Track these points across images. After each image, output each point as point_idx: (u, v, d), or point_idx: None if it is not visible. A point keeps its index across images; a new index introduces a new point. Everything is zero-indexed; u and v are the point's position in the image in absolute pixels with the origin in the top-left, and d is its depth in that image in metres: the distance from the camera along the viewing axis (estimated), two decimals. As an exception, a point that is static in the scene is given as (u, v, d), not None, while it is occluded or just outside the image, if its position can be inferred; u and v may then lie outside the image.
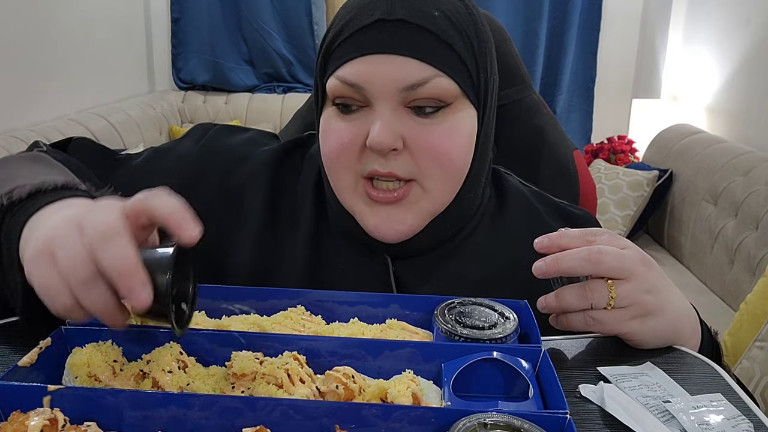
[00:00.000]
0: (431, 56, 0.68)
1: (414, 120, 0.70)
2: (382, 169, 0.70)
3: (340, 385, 0.50)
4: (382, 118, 0.69)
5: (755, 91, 2.82)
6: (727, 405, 0.55)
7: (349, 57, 0.69)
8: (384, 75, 0.68)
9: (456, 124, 0.71)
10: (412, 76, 0.68)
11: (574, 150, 1.29)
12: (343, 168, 0.73)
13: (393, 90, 0.68)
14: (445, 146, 0.71)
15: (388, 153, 0.70)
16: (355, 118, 0.71)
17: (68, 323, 0.57)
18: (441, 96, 0.70)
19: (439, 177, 0.72)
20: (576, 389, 0.57)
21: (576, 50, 3.96)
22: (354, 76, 0.69)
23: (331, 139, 0.73)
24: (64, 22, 3.16)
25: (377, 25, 0.68)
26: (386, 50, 0.68)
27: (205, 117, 4.07)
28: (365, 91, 0.69)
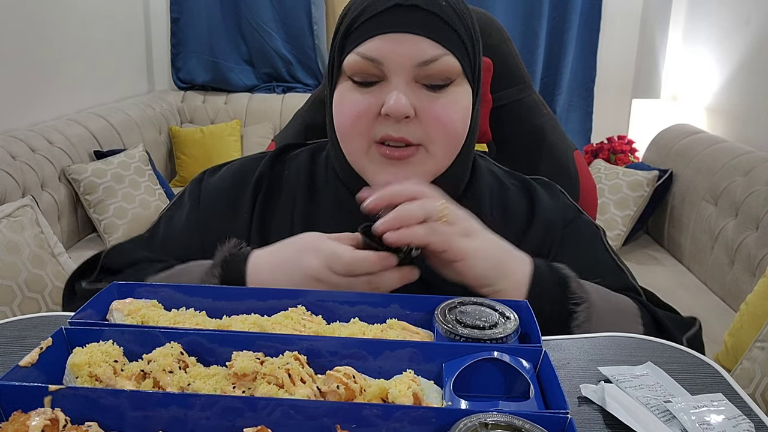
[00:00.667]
0: (441, 37, 0.78)
1: (424, 93, 0.79)
2: (395, 134, 0.79)
3: (340, 385, 0.50)
4: (399, 88, 0.78)
5: (755, 91, 2.82)
6: (728, 405, 0.55)
7: (370, 35, 0.78)
8: (401, 51, 0.77)
9: (458, 98, 0.81)
10: (426, 53, 0.77)
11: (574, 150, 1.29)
12: (358, 134, 0.81)
13: (408, 65, 0.77)
14: (451, 116, 0.80)
15: (402, 120, 0.78)
16: (370, 91, 0.80)
17: (69, 323, 0.57)
18: (448, 73, 0.79)
19: (443, 143, 0.81)
20: (577, 389, 0.57)
21: (576, 50, 3.96)
22: (375, 52, 0.78)
23: (347, 108, 0.81)
24: (64, 22, 3.16)
25: (394, 9, 0.77)
26: (403, 29, 0.77)
27: (204, 117, 4.07)
28: (383, 66, 0.78)
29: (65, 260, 2.22)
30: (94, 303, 0.62)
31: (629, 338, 0.69)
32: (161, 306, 0.64)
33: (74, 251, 2.80)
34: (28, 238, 2.10)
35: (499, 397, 0.55)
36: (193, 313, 0.63)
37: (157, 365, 0.52)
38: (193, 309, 0.63)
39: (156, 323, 0.60)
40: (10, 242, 2.03)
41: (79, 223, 2.96)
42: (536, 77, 3.94)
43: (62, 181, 2.83)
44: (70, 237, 2.88)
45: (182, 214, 0.94)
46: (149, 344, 0.55)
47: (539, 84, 3.96)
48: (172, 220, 0.94)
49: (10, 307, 1.95)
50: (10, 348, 0.64)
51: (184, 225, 0.92)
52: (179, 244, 0.90)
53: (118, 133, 3.29)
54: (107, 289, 0.65)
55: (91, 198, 2.88)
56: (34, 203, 2.24)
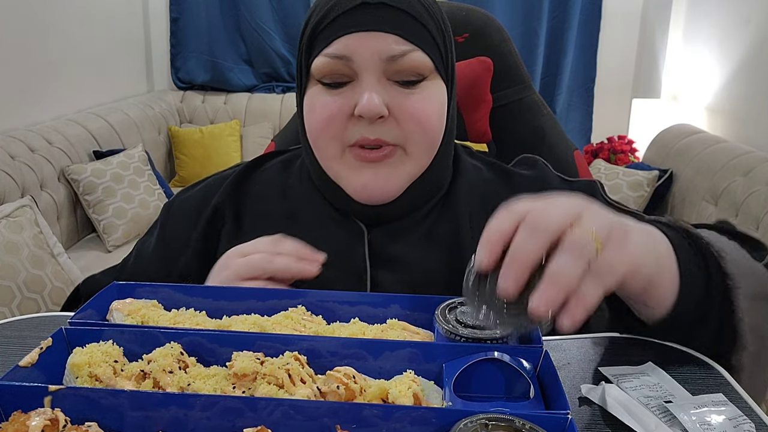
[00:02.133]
0: (409, 33, 0.76)
1: (397, 90, 0.77)
2: (370, 136, 0.77)
3: (341, 386, 0.50)
4: (370, 87, 0.76)
5: (755, 91, 2.82)
6: (729, 405, 0.55)
7: (337, 35, 0.76)
8: (369, 47, 0.75)
9: (432, 94, 0.79)
10: (394, 49, 0.75)
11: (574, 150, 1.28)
12: (331, 138, 0.78)
13: (377, 60, 0.75)
14: (426, 113, 0.78)
15: (375, 120, 0.76)
16: (341, 92, 0.77)
17: (69, 323, 0.57)
18: (418, 68, 0.77)
19: (420, 142, 0.79)
20: (577, 389, 0.57)
21: (576, 50, 3.96)
22: (342, 50, 0.76)
23: (318, 112, 0.78)
24: (63, 22, 3.16)
25: (361, 7, 0.76)
26: (371, 27, 0.75)
27: (204, 117, 4.07)
28: (353, 63, 0.76)
29: (64, 260, 2.22)
30: (94, 303, 0.62)
31: (629, 338, 0.68)
32: (161, 306, 0.64)
33: (73, 251, 2.80)
34: (28, 239, 2.10)
35: (499, 398, 0.55)
36: (193, 313, 0.63)
37: (157, 365, 0.52)
38: (193, 309, 0.63)
39: (156, 323, 0.60)
40: (9, 242, 2.02)
41: (78, 223, 2.96)
42: (536, 77, 3.93)
43: (61, 182, 2.82)
44: (69, 237, 2.88)
45: (151, 240, 0.92)
46: (149, 344, 0.55)
47: (539, 84, 3.96)
48: (143, 246, 0.92)
49: (9, 307, 1.95)
50: (10, 348, 0.64)
51: (152, 250, 0.90)
52: (148, 271, 0.88)
53: (118, 133, 3.29)
54: (107, 289, 0.65)
55: (90, 198, 2.88)
56: (34, 203, 2.24)
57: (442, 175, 0.86)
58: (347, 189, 0.81)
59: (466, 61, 1.18)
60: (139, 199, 3.00)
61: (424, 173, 0.82)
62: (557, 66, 3.95)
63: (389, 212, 0.82)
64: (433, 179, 0.84)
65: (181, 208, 0.91)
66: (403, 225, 0.83)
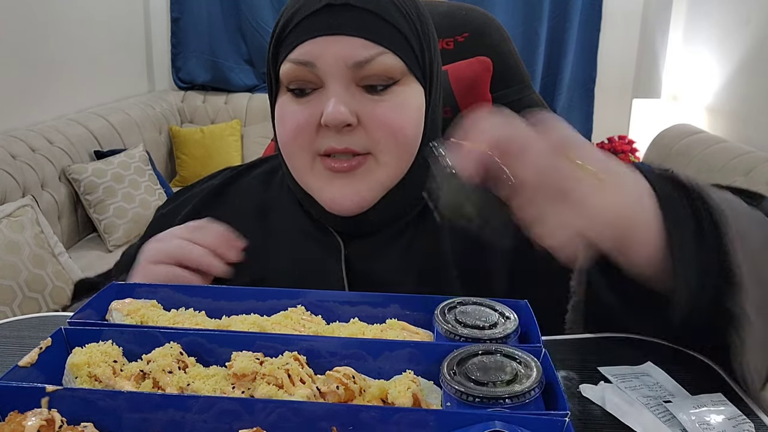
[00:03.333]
0: (377, 35, 0.72)
1: (366, 97, 0.74)
2: (338, 146, 0.74)
3: (340, 386, 0.50)
4: (336, 94, 0.72)
5: (755, 91, 2.82)
6: (728, 405, 0.55)
7: (301, 40, 0.73)
8: (334, 52, 0.72)
9: (405, 99, 0.75)
10: (360, 53, 0.72)
11: (574, 150, 1.29)
12: (300, 149, 0.76)
13: (343, 66, 0.72)
14: (398, 120, 0.74)
15: (343, 129, 0.73)
16: (309, 100, 0.75)
17: (68, 323, 0.57)
18: (388, 72, 0.73)
19: (393, 150, 0.75)
20: (577, 389, 0.57)
21: (576, 50, 3.96)
22: (305, 55, 0.73)
23: (287, 122, 0.76)
24: (64, 21, 3.16)
25: (325, 10, 0.72)
26: (335, 32, 0.72)
27: (204, 117, 4.07)
28: (317, 69, 0.72)
29: (65, 260, 2.22)
30: (93, 303, 0.62)
31: (629, 338, 0.68)
32: (161, 306, 0.64)
33: (74, 251, 2.80)
34: (29, 238, 2.10)
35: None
36: (193, 313, 0.63)
37: (157, 365, 0.52)
38: (193, 309, 0.63)
39: (155, 323, 0.60)
40: (10, 242, 2.03)
41: (79, 223, 2.96)
42: (536, 77, 3.93)
43: (62, 181, 2.83)
44: (70, 237, 2.88)
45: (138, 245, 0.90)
46: (149, 344, 0.55)
47: (539, 84, 3.95)
48: (130, 249, 0.91)
49: (10, 306, 1.95)
50: (10, 348, 0.64)
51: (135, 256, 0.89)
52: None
53: (119, 133, 3.29)
54: (106, 289, 0.65)
55: (91, 198, 2.88)
56: (35, 203, 2.24)
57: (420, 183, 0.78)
58: (319, 200, 0.78)
59: (465, 61, 1.18)
60: (140, 199, 3.00)
61: (401, 182, 0.79)
62: (557, 66, 3.95)
63: (366, 223, 0.79)
64: (411, 188, 0.79)
65: (164, 215, 0.90)
66: (381, 237, 0.81)
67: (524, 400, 0.48)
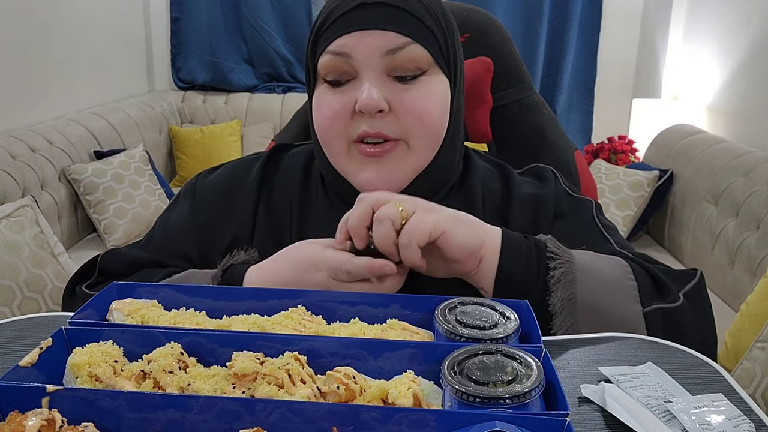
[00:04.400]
0: (407, 29, 0.79)
1: (396, 86, 0.80)
2: (370, 130, 0.80)
3: (341, 386, 0.50)
4: (369, 81, 0.79)
5: (756, 90, 2.82)
6: (728, 405, 0.55)
7: (338, 35, 0.80)
8: (368, 43, 0.78)
9: (433, 88, 0.82)
10: (392, 42, 0.78)
11: (574, 150, 1.28)
12: (336, 134, 0.82)
13: (377, 56, 0.79)
14: (426, 106, 0.81)
15: (376, 114, 0.79)
16: (344, 90, 0.81)
17: (69, 323, 0.57)
18: (417, 62, 0.80)
19: (422, 135, 0.82)
20: (577, 389, 0.57)
21: (576, 50, 3.96)
22: (342, 47, 0.79)
23: (323, 110, 0.82)
24: (64, 22, 3.16)
25: (360, 8, 0.79)
26: (369, 26, 0.79)
27: (204, 117, 4.07)
28: (352, 60, 0.79)
29: (65, 260, 2.22)
30: (94, 303, 0.62)
31: (629, 338, 0.68)
32: (161, 306, 0.64)
33: (74, 251, 2.80)
34: (28, 238, 2.10)
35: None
36: (193, 313, 0.63)
37: (157, 365, 0.52)
38: (193, 309, 0.63)
39: (156, 323, 0.60)
40: (10, 242, 2.02)
41: (79, 223, 2.96)
42: (536, 77, 3.93)
43: (62, 181, 2.83)
44: (70, 237, 2.88)
45: (179, 212, 0.94)
46: (149, 344, 0.55)
47: (539, 84, 3.95)
48: (169, 220, 0.94)
49: (10, 307, 1.95)
50: (10, 348, 0.64)
51: (182, 223, 0.92)
52: (176, 242, 0.91)
53: (118, 133, 3.29)
54: (107, 289, 0.65)
55: (91, 198, 2.88)
56: (34, 203, 2.24)
57: (448, 169, 0.88)
58: (354, 183, 0.84)
59: (466, 61, 1.18)
60: (140, 199, 3.00)
61: (429, 166, 0.85)
62: (558, 66, 3.95)
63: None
64: (438, 172, 0.86)
65: (214, 183, 0.94)
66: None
67: (524, 400, 0.48)
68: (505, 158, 1.00)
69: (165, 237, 0.93)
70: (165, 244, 0.91)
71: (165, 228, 0.94)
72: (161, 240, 0.93)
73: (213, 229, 0.90)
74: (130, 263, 0.89)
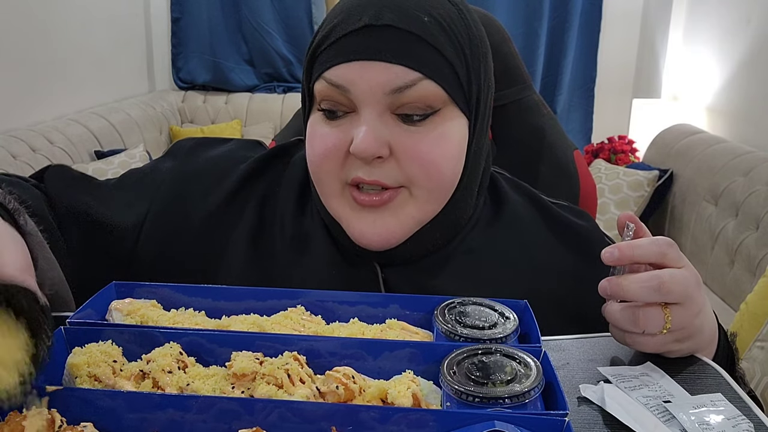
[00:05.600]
0: (418, 62, 0.67)
1: (401, 127, 0.69)
2: (366, 177, 0.69)
3: (340, 386, 0.50)
4: (368, 123, 0.67)
5: (756, 90, 2.82)
6: (728, 405, 0.55)
7: (337, 61, 0.68)
8: (370, 78, 0.67)
9: (445, 132, 0.70)
10: (399, 79, 0.67)
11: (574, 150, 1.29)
12: (328, 174, 0.71)
13: (379, 93, 0.67)
14: (433, 155, 0.69)
15: (373, 161, 0.68)
16: (340, 123, 0.70)
17: (68, 323, 0.57)
18: (428, 101, 0.68)
19: (426, 185, 0.70)
20: (576, 389, 0.57)
21: (576, 50, 3.96)
22: (340, 78, 0.68)
23: (316, 144, 0.71)
24: (64, 22, 3.16)
25: (365, 30, 0.67)
26: (373, 57, 0.67)
27: (205, 117, 4.07)
28: (351, 94, 0.68)
29: (65, 260, 2.22)
30: (93, 303, 0.62)
31: (629, 338, 0.68)
32: (160, 306, 0.64)
33: (74, 251, 2.80)
34: (29, 238, 2.10)
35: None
36: (193, 313, 0.63)
37: (157, 365, 0.52)
38: (193, 309, 0.63)
39: (155, 323, 0.60)
40: (10, 242, 2.03)
41: (79, 223, 2.96)
42: (536, 77, 3.93)
43: (62, 181, 2.83)
44: (70, 237, 2.88)
45: (163, 166, 0.83)
46: (148, 344, 0.55)
47: (539, 84, 3.96)
48: (129, 175, 0.83)
49: (10, 307, 1.95)
50: (10, 348, 0.63)
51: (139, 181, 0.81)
52: (123, 197, 0.79)
53: (119, 133, 3.30)
54: (106, 289, 0.65)
55: (91, 198, 2.88)
56: (35, 203, 2.24)
57: (462, 216, 0.77)
58: (348, 232, 0.73)
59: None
60: (140, 199, 3.00)
61: (436, 218, 0.74)
62: (558, 66, 3.95)
63: (398, 256, 0.75)
64: (448, 224, 0.75)
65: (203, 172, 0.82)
66: (423, 268, 0.76)
67: (524, 400, 0.48)
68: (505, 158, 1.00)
69: (121, 190, 0.81)
70: (119, 197, 0.80)
71: (130, 180, 0.82)
72: (116, 190, 0.81)
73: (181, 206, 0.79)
74: (67, 192, 0.78)
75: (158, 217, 0.79)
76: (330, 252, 0.77)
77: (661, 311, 0.60)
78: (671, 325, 0.60)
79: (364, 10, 0.68)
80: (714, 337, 0.68)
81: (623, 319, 0.61)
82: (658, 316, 0.60)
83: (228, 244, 0.78)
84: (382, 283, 0.76)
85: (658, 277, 0.60)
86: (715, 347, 0.68)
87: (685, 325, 0.61)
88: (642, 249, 0.61)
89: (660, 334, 0.60)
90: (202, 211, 0.80)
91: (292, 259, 0.77)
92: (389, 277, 0.76)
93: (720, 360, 0.67)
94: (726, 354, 0.70)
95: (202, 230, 0.79)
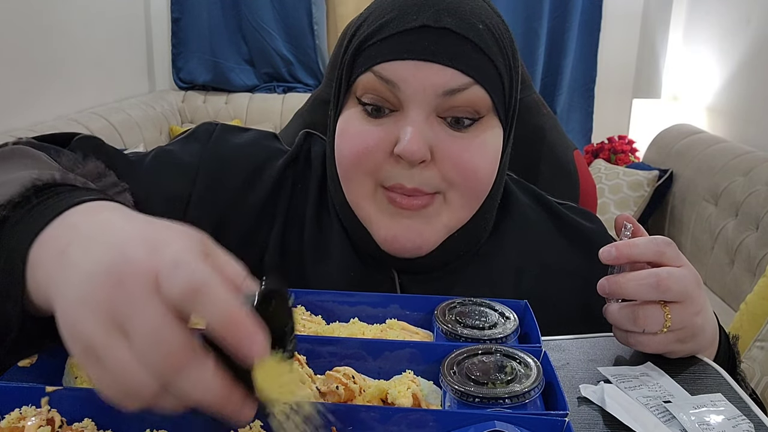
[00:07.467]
0: (472, 68, 0.67)
1: (446, 132, 0.68)
2: (407, 184, 0.68)
3: (340, 386, 0.50)
4: (415, 124, 0.66)
5: (755, 91, 2.82)
6: (728, 405, 0.55)
7: (390, 57, 0.67)
8: (423, 78, 0.66)
9: (486, 140, 0.70)
10: (453, 81, 0.66)
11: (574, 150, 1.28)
12: (364, 174, 0.70)
13: (431, 94, 0.66)
14: (475, 162, 0.69)
15: (417, 165, 0.67)
16: (383, 122, 0.68)
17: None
18: (476, 106, 0.68)
19: (463, 192, 0.70)
20: (576, 389, 0.57)
21: (576, 50, 3.96)
22: (391, 74, 0.67)
23: (353, 141, 0.69)
24: (64, 21, 3.16)
25: (422, 30, 0.66)
26: (428, 58, 0.66)
27: (205, 117, 4.07)
28: (400, 92, 0.67)
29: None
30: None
31: (629, 338, 0.68)
32: (161, 306, 0.64)
33: (74, 251, 2.80)
34: (29, 238, 2.10)
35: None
36: (193, 313, 0.62)
37: (157, 365, 0.52)
38: (193, 309, 0.63)
39: (155, 323, 0.59)
40: (10, 242, 2.03)
41: (79, 223, 2.96)
42: (536, 77, 3.93)
43: (62, 181, 2.82)
44: (70, 237, 2.88)
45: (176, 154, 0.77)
46: (148, 344, 0.55)
47: (539, 84, 3.95)
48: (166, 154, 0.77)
49: (10, 307, 1.95)
50: (10, 348, 0.63)
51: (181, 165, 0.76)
52: (166, 177, 0.75)
53: (119, 133, 3.29)
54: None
55: (91, 198, 2.88)
56: (35, 203, 2.24)
57: (484, 228, 0.77)
58: (375, 235, 0.71)
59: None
60: (140, 199, 3.00)
61: (464, 227, 0.74)
62: (558, 66, 3.95)
63: (421, 264, 0.75)
64: (471, 236, 0.76)
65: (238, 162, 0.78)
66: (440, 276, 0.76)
67: (524, 400, 0.48)
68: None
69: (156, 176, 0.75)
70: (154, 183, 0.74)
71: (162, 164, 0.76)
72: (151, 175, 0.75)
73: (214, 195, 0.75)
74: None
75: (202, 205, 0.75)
76: (347, 255, 0.76)
77: (661, 309, 0.60)
78: (671, 323, 0.60)
79: (421, 10, 0.67)
80: (715, 338, 0.68)
81: (623, 318, 0.62)
82: (657, 314, 0.60)
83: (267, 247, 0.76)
84: (399, 290, 0.76)
85: (656, 274, 0.60)
86: (716, 348, 0.68)
87: (685, 324, 0.61)
88: (640, 248, 0.62)
89: (661, 333, 0.61)
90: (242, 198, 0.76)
91: (308, 261, 0.76)
92: (406, 283, 0.76)
93: (721, 362, 0.67)
94: (727, 356, 0.70)
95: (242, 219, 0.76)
